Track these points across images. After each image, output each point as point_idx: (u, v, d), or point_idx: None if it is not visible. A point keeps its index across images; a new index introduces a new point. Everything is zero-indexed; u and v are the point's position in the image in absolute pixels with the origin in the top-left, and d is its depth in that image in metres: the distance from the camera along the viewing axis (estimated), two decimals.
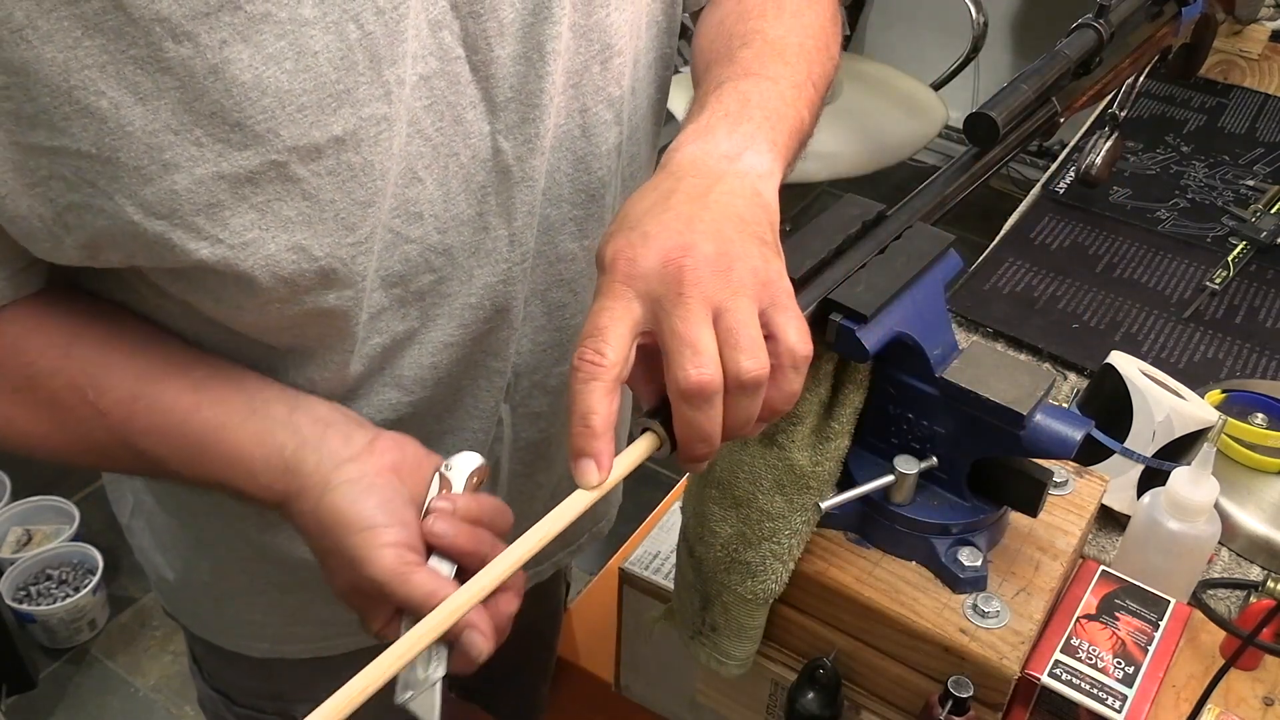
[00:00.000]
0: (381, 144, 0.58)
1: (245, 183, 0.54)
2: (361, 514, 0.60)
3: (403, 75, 0.58)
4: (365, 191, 0.58)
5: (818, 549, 0.69)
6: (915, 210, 0.70)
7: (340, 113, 0.55)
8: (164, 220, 0.54)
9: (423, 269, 0.66)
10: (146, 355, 0.64)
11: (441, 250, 0.66)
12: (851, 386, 0.66)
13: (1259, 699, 0.72)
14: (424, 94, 0.60)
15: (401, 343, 0.69)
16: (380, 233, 0.61)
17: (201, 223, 0.54)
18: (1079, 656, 0.67)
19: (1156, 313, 1.12)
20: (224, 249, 0.56)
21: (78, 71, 0.49)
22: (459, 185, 0.64)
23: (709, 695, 0.80)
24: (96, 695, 1.84)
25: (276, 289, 0.58)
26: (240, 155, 0.53)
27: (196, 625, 0.89)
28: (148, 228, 0.54)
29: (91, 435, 0.63)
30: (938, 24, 3.03)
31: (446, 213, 0.65)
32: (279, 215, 0.56)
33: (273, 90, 0.53)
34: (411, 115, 0.60)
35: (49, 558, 1.93)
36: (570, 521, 0.53)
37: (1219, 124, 1.47)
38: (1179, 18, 1.01)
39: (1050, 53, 0.82)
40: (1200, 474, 0.75)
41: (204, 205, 0.54)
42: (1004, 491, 0.67)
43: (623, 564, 0.82)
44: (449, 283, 0.68)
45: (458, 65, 0.61)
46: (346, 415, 0.66)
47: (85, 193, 0.53)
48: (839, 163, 2.21)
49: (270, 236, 0.56)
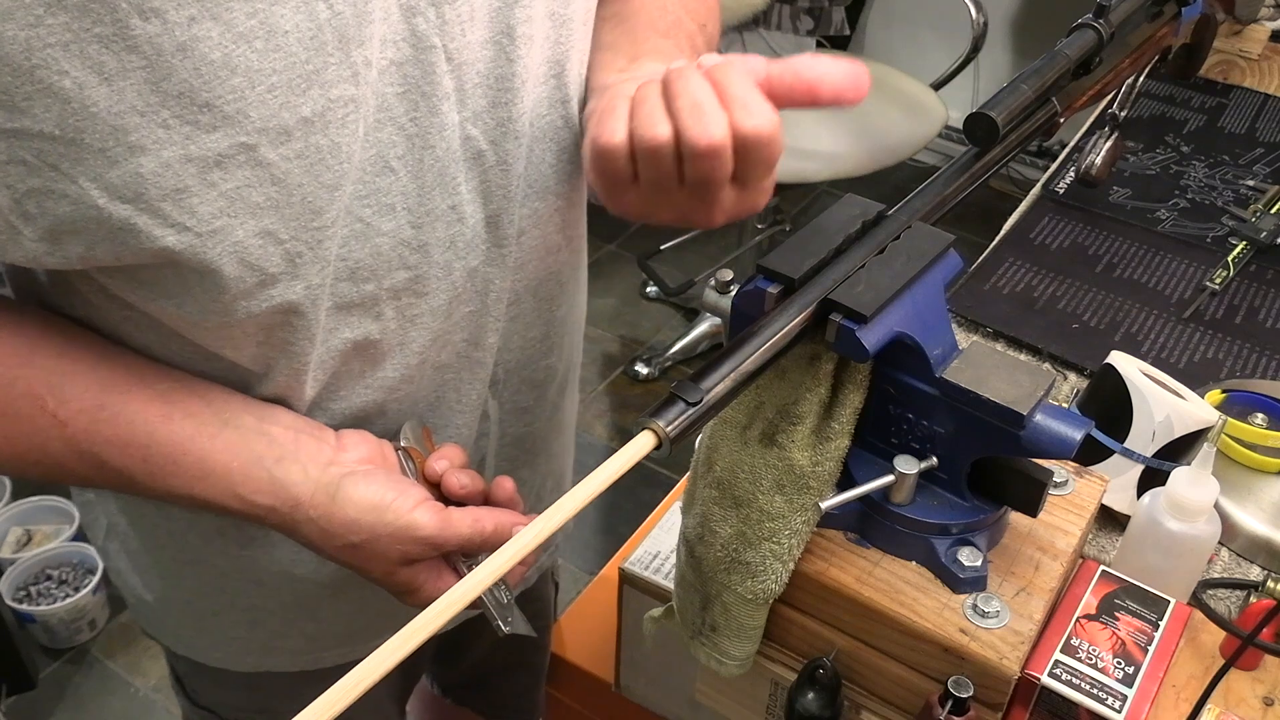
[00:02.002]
0: (349, 126, 0.57)
1: (214, 166, 0.53)
2: (381, 495, 0.65)
3: (370, 57, 0.57)
4: (332, 175, 0.58)
5: (818, 549, 0.69)
6: (915, 210, 0.70)
7: (309, 93, 0.55)
8: (129, 205, 0.53)
9: (396, 264, 0.65)
10: (109, 365, 0.63)
11: (417, 246, 0.65)
12: (851, 386, 0.66)
13: (1259, 699, 0.72)
14: (396, 80, 0.60)
15: (379, 343, 0.68)
16: (344, 219, 0.61)
17: (168, 209, 0.53)
18: (1079, 656, 0.67)
19: (1156, 313, 1.12)
20: (190, 236, 0.54)
21: (40, 50, 0.48)
22: (434, 178, 0.64)
23: (709, 695, 0.80)
24: (96, 695, 1.84)
25: (243, 279, 0.57)
26: (209, 137, 0.52)
27: (179, 645, 0.87)
28: (112, 213, 0.53)
29: (47, 446, 0.62)
30: (938, 24, 3.03)
31: (421, 206, 0.64)
32: (247, 201, 0.55)
33: (243, 69, 0.52)
34: (383, 101, 0.59)
35: (49, 558, 1.93)
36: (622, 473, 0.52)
37: (1219, 124, 1.47)
38: (1179, 18, 1.01)
39: (1050, 53, 0.81)
40: (1200, 474, 0.75)
41: (170, 190, 0.53)
42: (1004, 491, 0.67)
43: (623, 564, 0.82)
44: (426, 281, 0.67)
45: (433, 55, 0.60)
46: (308, 420, 0.68)
47: (47, 177, 0.51)
48: (839, 163, 2.21)
49: (239, 223, 0.55)
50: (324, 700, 0.44)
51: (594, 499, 0.53)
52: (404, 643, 0.46)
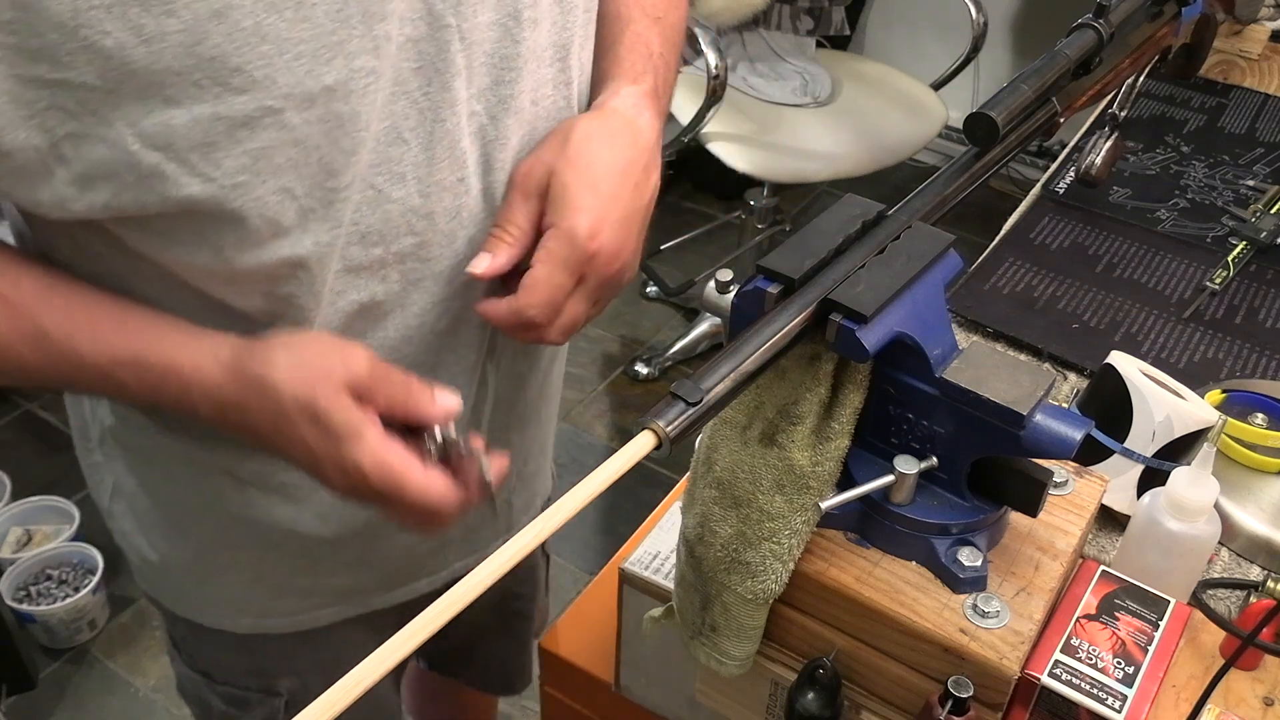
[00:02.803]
0: (368, 96, 0.60)
1: (240, 126, 0.56)
2: (323, 337, 0.66)
3: (389, 32, 0.60)
4: (350, 141, 0.61)
5: (818, 549, 0.69)
6: (915, 210, 0.70)
7: (333, 63, 0.58)
8: (159, 152, 0.56)
9: (404, 230, 0.68)
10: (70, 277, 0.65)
11: (424, 214, 0.68)
12: (851, 386, 0.66)
13: (1259, 699, 0.72)
14: (412, 56, 0.63)
15: (382, 304, 0.71)
16: (359, 185, 0.64)
17: (195, 160, 0.56)
18: (1079, 656, 0.67)
19: (1156, 313, 1.12)
20: (214, 188, 0.58)
21: (85, 11, 0.51)
22: (444, 151, 0.67)
23: (709, 695, 0.80)
24: (96, 695, 1.84)
25: (259, 230, 0.60)
26: (238, 99, 0.55)
27: (179, 605, 0.90)
28: (143, 159, 0.56)
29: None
30: (938, 24, 3.03)
31: (430, 177, 0.67)
32: (270, 160, 0.58)
33: (272, 37, 0.55)
34: (399, 75, 0.63)
35: (49, 558, 1.93)
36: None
37: (1219, 124, 1.47)
38: (1179, 18, 1.01)
39: (1050, 53, 0.82)
40: (1200, 474, 0.75)
41: (199, 143, 0.56)
42: (1004, 491, 0.67)
43: (623, 564, 0.82)
44: (430, 246, 0.70)
45: (448, 34, 0.64)
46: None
47: (85, 122, 0.54)
48: (839, 163, 2.21)
49: (260, 180, 0.58)
50: (324, 700, 0.44)
51: (594, 499, 0.53)
52: (404, 643, 0.46)
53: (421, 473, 0.63)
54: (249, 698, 0.94)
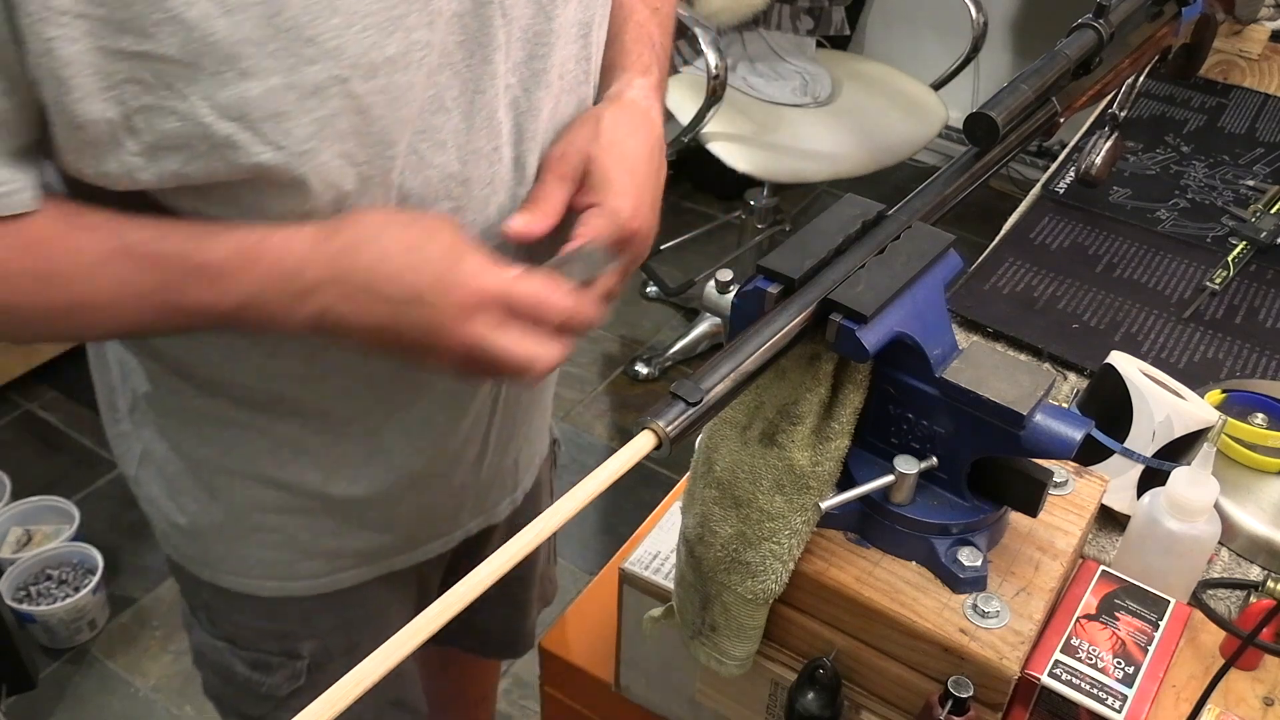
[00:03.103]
0: (424, 67, 0.64)
1: (311, 95, 0.59)
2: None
3: (441, 7, 0.64)
4: (407, 110, 0.64)
5: (818, 549, 0.69)
6: (915, 210, 0.70)
7: (395, 35, 0.61)
8: (234, 123, 0.58)
9: (442, 195, 0.71)
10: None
11: (461, 180, 0.71)
12: (851, 386, 0.66)
13: (1259, 699, 0.72)
14: (457, 29, 0.66)
15: None
16: (406, 151, 0.67)
17: (267, 129, 0.59)
18: (1079, 656, 0.67)
19: (1156, 313, 1.12)
20: (284, 155, 0.60)
21: None
22: (482, 120, 0.70)
23: (709, 695, 0.80)
24: (96, 695, 1.84)
25: (322, 195, 0.64)
26: (310, 69, 0.59)
27: (206, 570, 0.91)
28: (217, 130, 0.58)
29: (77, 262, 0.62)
30: (938, 24, 3.03)
31: (469, 145, 0.70)
32: (335, 127, 0.61)
33: (343, 10, 0.58)
34: (445, 47, 0.66)
35: (49, 558, 1.93)
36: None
37: (1219, 124, 1.47)
38: (1179, 18, 1.01)
39: (1050, 53, 0.82)
40: (1200, 474, 0.75)
41: (271, 113, 0.59)
42: (1004, 491, 0.67)
43: (623, 564, 0.82)
44: (466, 212, 0.73)
45: (491, 9, 0.67)
46: None
47: (160, 95, 0.57)
48: (839, 163, 2.21)
49: (326, 146, 0.62)
50: (324, 700, 0.44)
51: (594, 499, 0.53)
52: (406, 641, 0.47)
53: (564, 287, 0.69)
54: (271, 661, 0.95)
